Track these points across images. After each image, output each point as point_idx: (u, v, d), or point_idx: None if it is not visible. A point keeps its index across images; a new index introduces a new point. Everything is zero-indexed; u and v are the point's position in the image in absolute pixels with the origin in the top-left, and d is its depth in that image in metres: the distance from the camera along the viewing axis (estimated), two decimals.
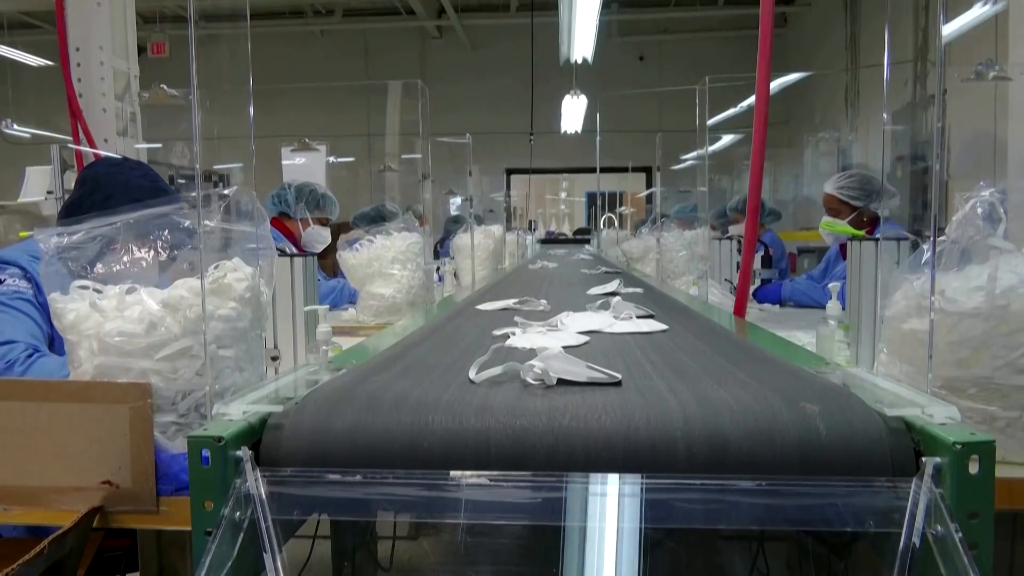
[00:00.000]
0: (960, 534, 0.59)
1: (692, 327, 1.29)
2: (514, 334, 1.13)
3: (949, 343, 0.76)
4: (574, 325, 1.23)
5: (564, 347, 0.90)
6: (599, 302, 1.50)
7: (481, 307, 1.57)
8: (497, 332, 1.16)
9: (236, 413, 0.72)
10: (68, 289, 0.85)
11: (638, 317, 1.32)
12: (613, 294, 1.73)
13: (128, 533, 1.30)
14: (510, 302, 1.56)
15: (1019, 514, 0.87)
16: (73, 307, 0.83)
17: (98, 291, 0.84)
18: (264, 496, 0.66)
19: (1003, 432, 0.77)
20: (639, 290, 1.88)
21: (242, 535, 0.66)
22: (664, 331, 1.21)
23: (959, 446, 0.62)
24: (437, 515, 0.67)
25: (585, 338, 1.12)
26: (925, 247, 0.83)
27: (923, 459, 0.64)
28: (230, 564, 0.65)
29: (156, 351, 0.79)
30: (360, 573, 1.45)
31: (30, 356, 1.23)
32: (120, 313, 0.81)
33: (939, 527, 0.61)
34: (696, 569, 0.86)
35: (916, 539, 0.60)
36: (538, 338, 1.09)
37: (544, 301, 1.54)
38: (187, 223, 0.88)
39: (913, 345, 0.80)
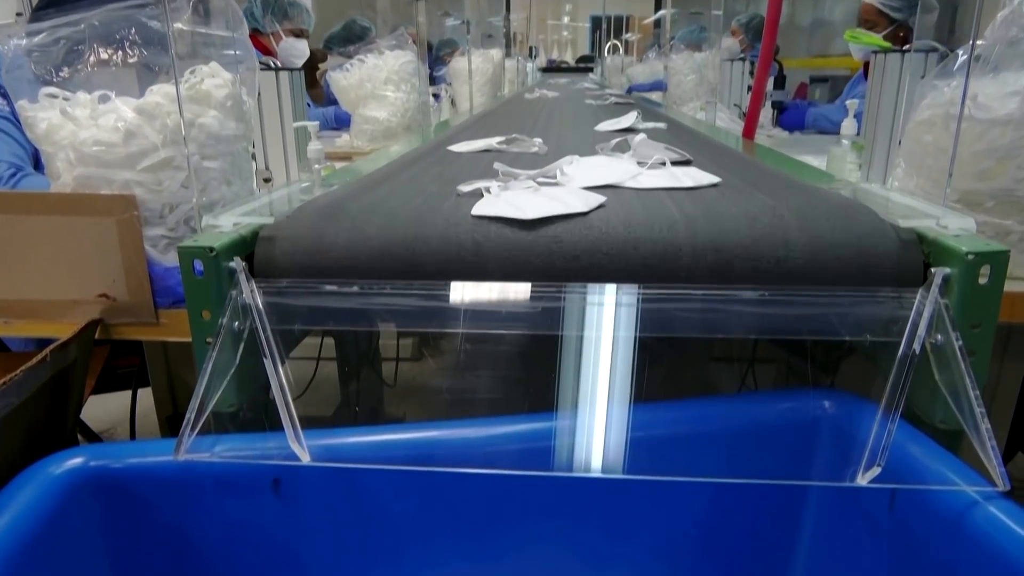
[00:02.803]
0: (960, 342, 0.59)
1: (745, 176, 0.89)
2: (488, 191, 0.76)
3: (973, 153, 0.72)
4: (581, 177, 0.83)
5: (571, 215, 0.66)
6: (614, 141, 1.07)
7: (455, 148, 1.19)
8: (465, 188, 0.78)
9: (227, 225, 0.70)
10: (37, 97, 0.80)
11: (673, 163, 0.92)
12: (630, 131, 1.33)
13: (137, 351, 1.34)
14: (493, 141, 1.18)
15: (1013, 327, 0.88)
16: (44, 116, 0.78)
17: (67, 99, 0.78)
18: (261, 306, 0.66)
19: (1015, 247, 0.75)
20: (661, 125, 1.46)
21: (242, 345, 0.66)
22: (715, 185, 0.82)
23: (971, 256, 0.60)
24: (436, 325, 0.66)
25: (599, 198, 0.73)
26: (960, 51, 0.76)
27: (932, 270, 0.63)
28: (233, 371, 0.66)
29: (137, 161, 0.75)
30: (366, 389, 1.51)
31: (14, 175, 1.19)
32: (94, 121, 0.76)
33: (940, 336, 0.61)
34: (687, 382, 0.88)
35: (916, 346, 0.59)
36: (525, 200, 0.70)
37: (539, 140, 1.17)
38: (155, 23, 0.80)
39: (934, 156, 0.76)
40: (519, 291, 0.66)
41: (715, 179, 0.84)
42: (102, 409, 1.81)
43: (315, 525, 0.69)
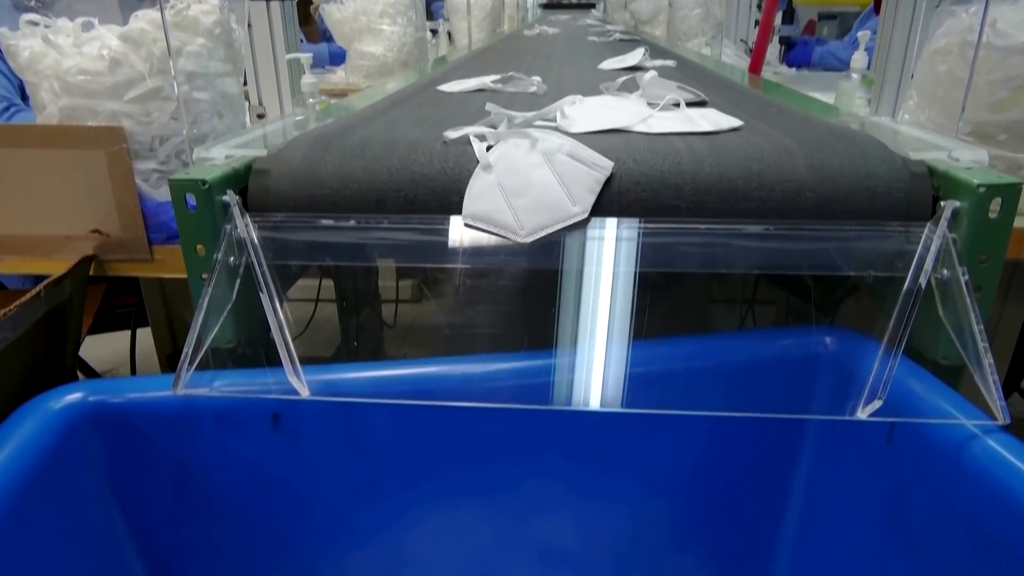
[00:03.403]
0: (966, 277, 0.58)
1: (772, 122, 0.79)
2: (481, 139, 0.67)
3: (989, 82, 0.69)
4: (584, 120, 0.75)
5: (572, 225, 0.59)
6: (620, 80, 0.98)
7: (445, 88, 1.10)
8: (453, 134, 0.69)
9: (219, 157, 0.68)
10: (17, 25, 0.77)
11: (688, 104, 0.83)
12: (637, 69, 1.25)
13: (135, 290, 1.34)
14: (487, 79, 1.09)
15: (1017, 265, 0.87)
16: (26, 44, 0.75)
17: (48, 27, 0.75)
18: (256, 240, 0.64)
19: None
20: (671, 63, 1.38)
21: (239, 281, 0.65)
22: (736, 129, 0.73)
23: (983, 188, 0.59)
24: (434, 260, 0.65)
25: (605, 167, 0.64)
26: None
27: (941, 203, 0.61)
28: (230, 307, 0.65)
29: (123, 91, 0.73)
30: (365, 330, 1.51)
31: (7, 109, 1.16)
32: (78, 50, 0.73)
33: (946, 271, 0.60)
34: (687, 322, 0.88)
35: (923, 280, 0.59)
36: (520, 184, 0.62)
37: (537, 79, 1.08)
38: None
39: (947, 87, 0.73)
40: None
41: (736, 122, 0.75)
42: (104, 350, 1.82)
43: (316, 460, 0.69)
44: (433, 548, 0.74)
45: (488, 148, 0.66)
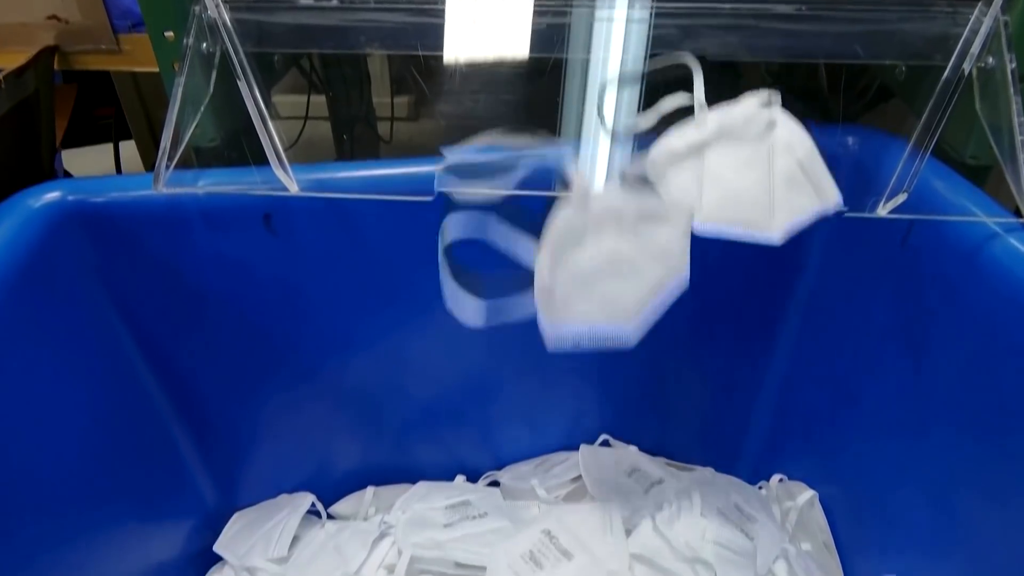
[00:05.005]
0: (1014, 64, 0.53)
1: None
2: None
3: None
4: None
5: None
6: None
7: None
8: None
9: None
10: None
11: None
12: None
13: (114, 100, 1.27)
14: None
15: None
16: None
17: None
18: (229, 22, 0.58)
19: None
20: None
21: (214, 71, 0.59)
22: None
23: None
24: (428, 48, 0.59)
25: None
26: None
27: None
28: (208, 100, 0.60)
29: None
30: (361, 145, 1.46)
31: None
32: None
33: (991, 59, 0.55)
34: None
35: (967, 67, 0.53)
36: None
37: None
38: None
39: None
40: (520, 4, 0.58)
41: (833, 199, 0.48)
42: (92, 167, 1.77)
43: (311, 262, 0.68)
44: (429, 353, 0.75)
45: None
